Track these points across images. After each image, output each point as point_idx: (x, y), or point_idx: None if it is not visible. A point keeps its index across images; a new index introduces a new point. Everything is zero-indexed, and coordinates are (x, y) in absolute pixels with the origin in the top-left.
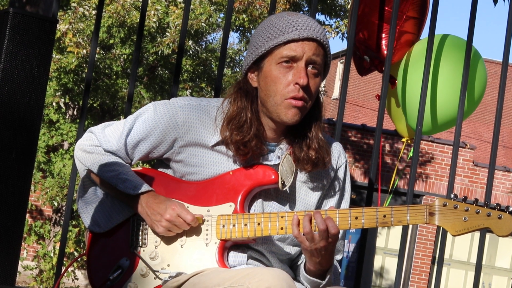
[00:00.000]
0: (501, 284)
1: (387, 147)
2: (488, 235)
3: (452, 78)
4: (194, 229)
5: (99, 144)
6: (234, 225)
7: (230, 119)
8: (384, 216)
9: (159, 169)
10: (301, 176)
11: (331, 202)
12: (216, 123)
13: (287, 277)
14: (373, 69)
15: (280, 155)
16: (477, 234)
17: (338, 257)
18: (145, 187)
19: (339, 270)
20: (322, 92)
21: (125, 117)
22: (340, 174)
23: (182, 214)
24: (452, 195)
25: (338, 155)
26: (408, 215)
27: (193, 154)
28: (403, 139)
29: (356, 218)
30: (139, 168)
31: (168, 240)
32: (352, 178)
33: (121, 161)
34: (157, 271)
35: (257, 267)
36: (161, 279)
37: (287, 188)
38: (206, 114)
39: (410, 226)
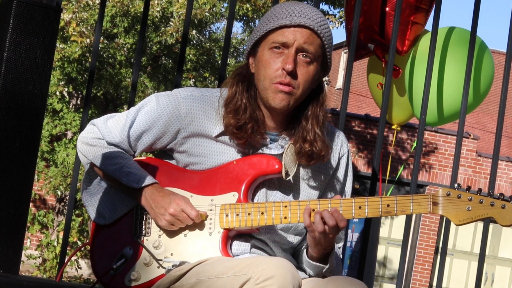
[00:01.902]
0: (504, 274)
1: (390, 137)
2: (491, 225)
3: (459, 70)
4: None
5: (102, 136)
6: (237, 215)
7: (226, 103)
8: (388, 205)
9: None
10: (304, 166)
11: (333, 192)
12: (219, 113)
13: (290, 266)
14: (366, 56)
15: (283, 145)
16: (480, 224)
17: (339, 245)
18: (149, 180)
19: (341, 256)
20: (326, 81)
21: (129, 106)
22: (342, 163)
23: (186, 209)
24: (456, 185)
25: (341, 144)
26: (411, 205)
27: (196, 144)
28: (393, 126)
29: (360, 207)
30: (143, 157)
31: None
32: (355, 168)
33: (124, 154)
34: (161, 260)
35: (260, 256)
36: (164, 268)
37: (290, 177)
38: (209, 105)
39: (414, 216)
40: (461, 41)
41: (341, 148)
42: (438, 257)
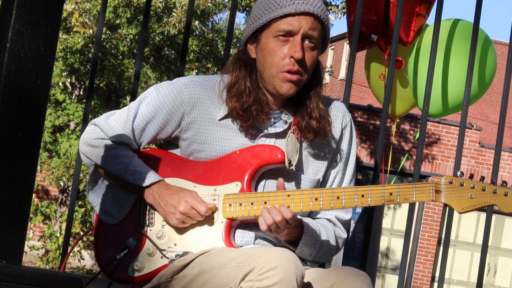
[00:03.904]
0: (507, 265)
1: (393, 128)
2: (494, 216)
3: (462, 62)
4: None
5: (105, 134)
6: (240, 204)
7: (229, 87)
8: (391, 194)
9: (167, 148)
10: (307, 147)
11: (339, 163)
12: (222, 97)
13: (294, 257)
14: (367, 48)
15: (286, 120)
16: (483, 215)
17: (346, 216)
18: (155, 177)
19: (344, 235)
20: (328, 72)
21: (131, 96)
22: (346, 133)
23: (195, 205)
24: (459, 173)
25: (343, 114)
26: (414, 193)
27: (200, 131)
28: (394, 118)
29: (363, 196)
30: (146, 148)
31: None
32: (358, 159)
33: (127, 152)
34: (164, 250)
35: (264, 247)
36: (167, 258)
37: (293, 167)
38: (211, 89)
39: (416, 207)
40: (464, 33)
41: (343, 118)
42: (441, 248)
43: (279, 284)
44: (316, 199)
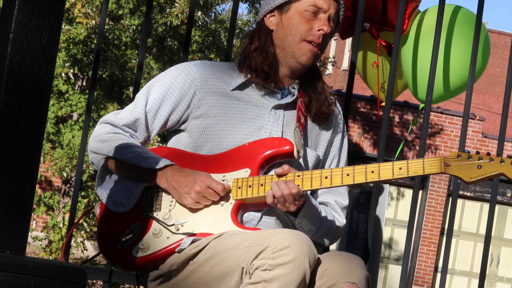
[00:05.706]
0: (509, 255)
1: (396, 118)
2: (497, 207)
3: (457, 47)
4: None
5: (116, 125)
6: (250, 186)
7: (253, 50)
8: (400, 168)
9: (172, 138)
10: (310, 123)
11: (335, 147)
12: (232, 71)
13: (308, 239)
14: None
15: (293, 92)
16: (486, 206)
17: (343, 203)
18: (168, 161)
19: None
20: (331, 63)
21: (134, 86)
22: (340, 119)
23: (212, 185)
24: (466, 150)
25: (335, 101)
26: (423, 166)
27: (213, 104)
28: (383, 104)
29: (372, 172)
30: (154, 147)
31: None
32: (361, 149)
33: (138, 144)
34: (172, 225)
35: (277, 229)
36: (176, 233)
37: (301, 158)
38: (219, 69)
39: (420, 197)
40: (460, 18)
41: (336, 104)
42: (444, 238)
43: (291, 263)
44: (326, 177)
